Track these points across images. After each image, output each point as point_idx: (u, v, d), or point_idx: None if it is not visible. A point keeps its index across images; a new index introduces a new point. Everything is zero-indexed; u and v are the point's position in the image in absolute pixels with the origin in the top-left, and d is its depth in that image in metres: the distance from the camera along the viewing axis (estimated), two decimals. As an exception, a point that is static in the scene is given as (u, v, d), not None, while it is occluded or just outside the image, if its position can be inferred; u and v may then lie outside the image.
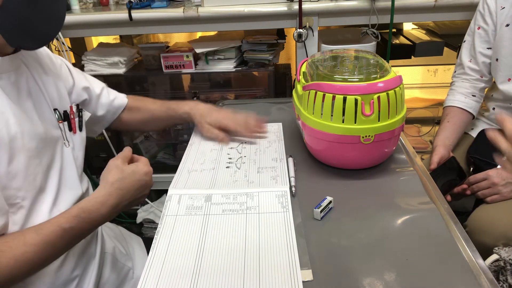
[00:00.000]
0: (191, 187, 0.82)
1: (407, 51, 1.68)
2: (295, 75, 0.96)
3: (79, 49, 1.90)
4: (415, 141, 1.91)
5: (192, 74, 1.69)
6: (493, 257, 0.83)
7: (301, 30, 1.41)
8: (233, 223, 0.71)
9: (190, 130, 1.08)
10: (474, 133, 1.24)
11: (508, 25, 1.08)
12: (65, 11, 0.74)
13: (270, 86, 1.68)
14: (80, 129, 0.85)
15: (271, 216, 0.72)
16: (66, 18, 0.73)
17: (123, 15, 1.44)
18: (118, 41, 1.99)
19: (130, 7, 1.44)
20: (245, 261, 0.63)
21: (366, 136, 0.78)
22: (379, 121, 0.77)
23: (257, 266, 0.62)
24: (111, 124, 1.02)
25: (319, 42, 1.49)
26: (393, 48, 1.58)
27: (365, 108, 0.75)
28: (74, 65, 0.93)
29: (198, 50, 1.57)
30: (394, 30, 1.86)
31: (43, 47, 0.78)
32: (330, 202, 0.74)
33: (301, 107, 0.87)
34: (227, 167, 0.89)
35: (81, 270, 0.81)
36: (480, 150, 1.14)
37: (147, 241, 1.06)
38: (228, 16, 1.43)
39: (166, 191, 0.81)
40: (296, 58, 1.57)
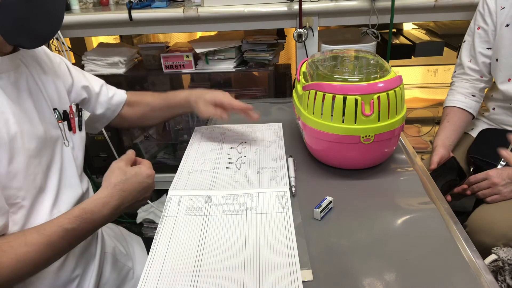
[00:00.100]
0: (191, 188, 0.82)
1: (407, 51, 1.68)
2: (295, 75, 0.96)
3: (79, 49, 1.90)
4: (415, 141, 1.91)
5: (192, 74, 1.69)
6: (492, 257, 0.82)
7: (301, 30, 1.41)
8: (233, 223, 0.71)
9: (190, 130, 1.08)
10: (474, 133, 1.24)
11: (508, 25, 1.08)
12: (64, 10, 0.74)
13: (270, 86, 1.68)
14: (80, 129, 0.85)
15: (271, 216, 0.72)
16: (66, 18, 0.73)
17: (123, 15, 1.44)
18: (118, 41, 1.99)
19: (130, 7, 1.44)
20: (245, 261, 0.63)
21: (366, 136, 0.78)
22: (379, 121, 0.77)
23: (257, 266, 0.62)
24: (112, 120, 1.02)
25: (319, 42, 1.49)
26: (393, 48, 1.58)
27: (365, 108, 0.75)
28: (74, 65, 0.93)
29: (198, 50, 1.57)
30: (394, 30, 1.86)
31: (42, 46, 0.78)
32: (330, 202, 0.74)
33: (301, 107, 0.87)
34: (227, 168, 0.89)
35: (82, 270, 0.81)
36: (480, 150, 1.14)
37: (147, 241, 1.06)
38: (228, 16, 1.43)
39: (166, 191, 0.81)
40: (296, 58, 1.57)
